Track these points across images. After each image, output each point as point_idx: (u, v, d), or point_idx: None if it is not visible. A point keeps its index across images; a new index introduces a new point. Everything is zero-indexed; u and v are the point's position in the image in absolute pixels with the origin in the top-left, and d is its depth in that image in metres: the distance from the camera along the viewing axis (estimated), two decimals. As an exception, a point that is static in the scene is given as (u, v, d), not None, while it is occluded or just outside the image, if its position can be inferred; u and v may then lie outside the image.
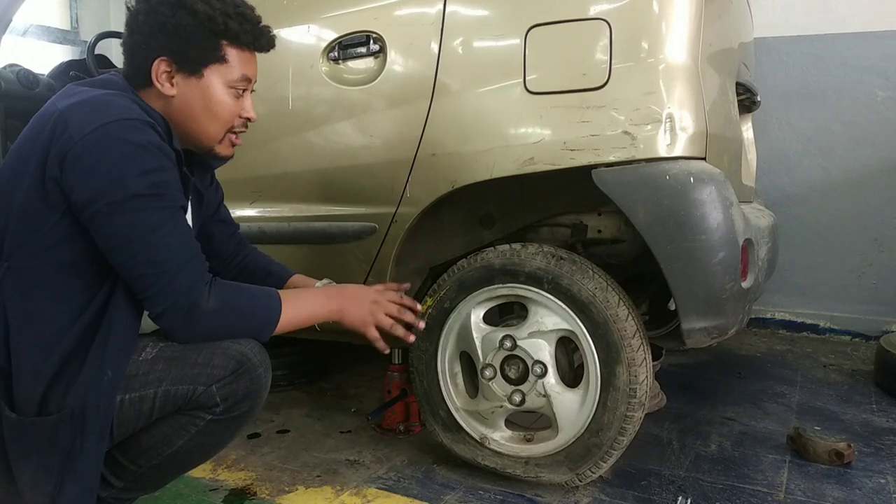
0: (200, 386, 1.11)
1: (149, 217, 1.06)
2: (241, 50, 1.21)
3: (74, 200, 1.05)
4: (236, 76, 1.21)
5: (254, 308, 1.17)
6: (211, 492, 1.58)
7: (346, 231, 1.74)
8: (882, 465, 1.75)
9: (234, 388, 1.12)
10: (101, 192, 1.04)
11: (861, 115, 3.00)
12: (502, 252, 1.55)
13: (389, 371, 1.95)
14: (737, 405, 2.17)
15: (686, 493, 1.57)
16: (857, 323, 3.06)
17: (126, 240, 1.06)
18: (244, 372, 1.13)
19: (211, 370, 1.11)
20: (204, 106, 1.20)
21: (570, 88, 1.44)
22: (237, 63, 1.21)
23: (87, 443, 1.06)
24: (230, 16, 1.18)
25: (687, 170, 1.37)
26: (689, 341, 1.42)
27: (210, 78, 1.19)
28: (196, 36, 1.16)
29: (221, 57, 1.19)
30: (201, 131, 1.22)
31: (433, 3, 1.60)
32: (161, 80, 1.17)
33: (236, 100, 1.23)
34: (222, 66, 1.19)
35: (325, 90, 1.73)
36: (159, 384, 1.10)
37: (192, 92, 1.19)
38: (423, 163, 1.60)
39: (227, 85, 1.20)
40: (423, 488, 1.60)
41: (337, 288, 1.37)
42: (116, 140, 1.05)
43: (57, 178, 1.05)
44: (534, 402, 1.53)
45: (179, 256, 1.09)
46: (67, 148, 1.04)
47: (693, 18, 1.44)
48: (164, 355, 1.12)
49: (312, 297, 1.29)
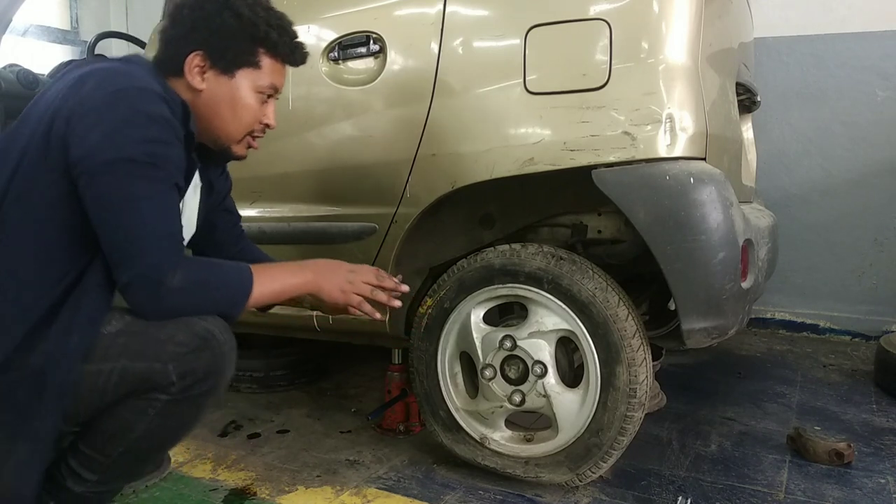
0: (158, 363, 1.08)
1: (137, 185, 1.06)
2: (275, 60, 1.24)
3: (71, 156, 1.05)
4: (265, 83, 1.24)
5: (224, 282, 1.16)
6: (211, 492, 1.58)
7: (346, 231, 1.74)
8: (882, 465, 1.75)
9: (194, 366, 1.10)
10: (97, 148, 1.04)
11: (861, 115, 2.99)
12: (502, 252, 1.55)
13: (389, 371, 1.95)
14: (737, 405, 2.17)
15: (686, 493, 1.57)
16: (857, 323, 3.06)
17: (109, 203, 1.05)
18: (206, 349, 1.11)
19: (172, 347, 1.09)
20: (230, 105, 1.23)
21: (570, 89, 1.44)
22: (269, 71, 1.24)
23: (45, 404, 1.05)
24: (272, 26, 1.21)
25: (687, 170, 1.37)
26: (689, 342, 1.42)
27: (241, 80, 1.22)
28: (237, 38, 1.19)
29: (256, 62, 1.22)
30: (222, 129, 1.25)
31: (433, 3, 1.60)
32: (192, 73, 1.19)
33: (260, 105, 1.25)
34: (254, 72, 1.23)
35: (325, 90, 1.73)
36: (117, 359, 1.09)
37: (221, 90, 1.21)
38: (423, 163, 1.60)
39: (255, 90, 1.23)
40: (423, 488, 1.60)
41: (310, 260, 1.32)
42: (127, 104, 1.06)
43: (61, 134, 1.05)
44: (534, 403, 1.54)
45: (157, 230, 1.08)
46: (78, 105, 1.05)
47: (693, 19, 1.44)
48: (128, 329, 1.11)
49: (285, 269, 1.27)
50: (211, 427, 1.98)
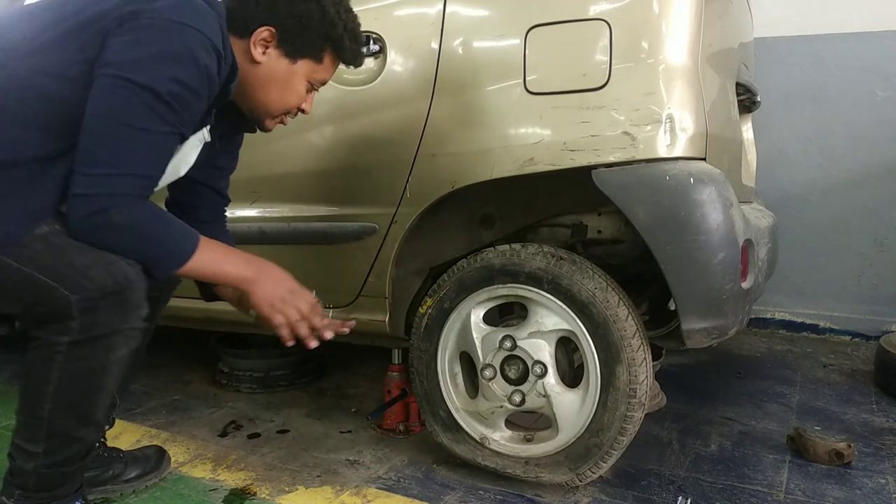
0: (63, 290, 1.07)
1: (147, 116, 1.06)
2: (336, 60, 1.29)
3: (104, 57, 1.05)
4: (320, 77, 1.29)
5: (165, 241, 1.15)
6: (211, 492, 1.58)
7: (346, 231, 1.74)
8: (882, 465, 1.75)
9: (98, 308, 1.08)
10: (132, 66, 1.04)
11: (861, 115, 2.99)
12: (502, 252, 1.55)
13: (389, 371, 1.95)
14: (737, 405, 2.17)
15: (686, 493, 1.57)
16: (857, 323, 3.06)
17: (112, 116, 1.05)
18: (117, 295, 1.09)
19: (84, 280, 1.07)
20: (281, 87, 1.26)
21: (570, 89, 1.44)
22: (327, 68, 1.29)
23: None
24: (347, 30, 1.25)
25: (687, 170, 1.37)
26: (689, 342, 1.42)
27: (300, 68, 1.26)
28: (312, 30, 1.22)
29: (320, 57, 1.26)
30: (265, 104, 1.28)
31: (433, 4, 1.60)
32: (257, 45, 1.21)
33: (306, 93, 1.30)
34: (315, 65, 1.27)
35: (325, 90, 1.71)
36: (27, 263, 1.07)
37: (278, 70, 1.24)
38: (423, 163, 1.60)
39: (308, 80, 1.28)
40: (423, 488, 1.60)
41: (265, 263, 1.30)
42: (182, 41, 1.06)
43: (106, 31, 1.05)
44: (534, 403, 1.54)
45: (138, 165, 1.08)
46: (142, 14, 1.05)
47: (693, 19, 1.44)
48: (51, 240, 1.09)
49: (233, 257, 1.25)
50: (211, 427, 1.98)
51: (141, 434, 1.92)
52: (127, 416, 2.07)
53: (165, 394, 2.28)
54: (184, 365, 2.60)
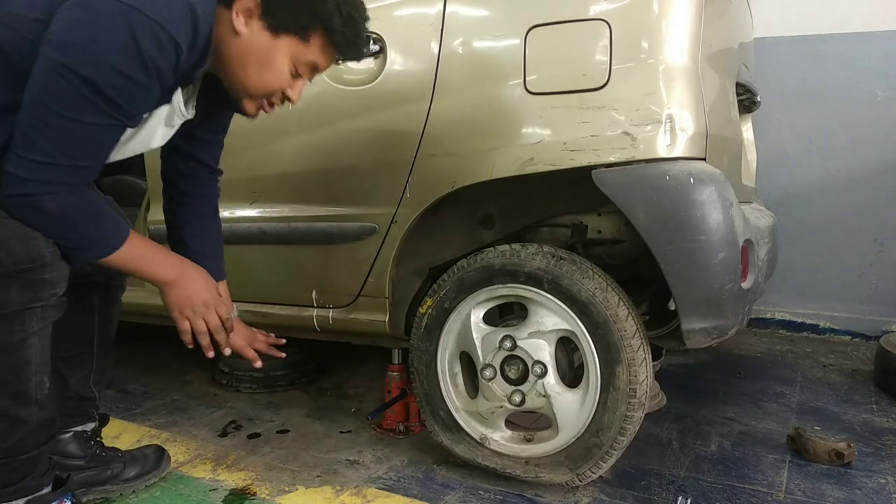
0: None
1: (84, 107, 1.02)
2: (326, 45, 1.18)
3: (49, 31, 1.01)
4: (306, 60, 1.18)
5: (91, 233, 1.14)
6: (211, 492, 1.58)
7: (346, 231, 1.74)
8: (882, 465, 1.75)
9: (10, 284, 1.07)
10: (72, 50, 1.00)
11: (861, 115, 2.99)
12: (502, 252, 1.55)
13: (389, 371, 1.95)
14: (737, 405, 2.17)
15: (686, 493, 1.57)
16: (857, 323, 3.06)
17: (48, 101, 1.02)
18: (29, 271, 1.08)
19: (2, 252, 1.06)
20: (260, 63, 1.17)
21: (570, 89, 1.44)
22: (315, 51, 1.18)
23: None
24: (341, 13, 1.15)
25: (687, 170, 1.37)
26: (689, 342, 1.42)
27: (282, 44, 1.16)
28: (299, 4, 1.14)
29: (306, 37, 1.16)
30: (242, 80, 1.19)
31: (433, 4, 1.60)
32: (239, 14, 1.13)
33: (291, 77, 1.20)
34: (301, 44, 1.16)
35: (325, 91, 1.73)
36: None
37: (258, 44, 1.15)
38: (423, 163, 1.60)
39: (293, 61, 1.18)
40: (423, 488, 1.60)
41: (190, 269, 1.31)
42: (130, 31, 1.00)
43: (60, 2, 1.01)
44: (534, 403, 1.54)
45: (73, 156, 1.06)
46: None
47: (693, 19, 1.44)
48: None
49: (159, 257, 1.25)
50: (211, 427, 1.98)
51: (141, 434, 1.92)
52: (127, 416, 2.07)
53: (165, 394, 2.28)
54: (184, 365, 2.60)
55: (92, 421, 1.56)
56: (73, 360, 1.49)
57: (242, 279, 1.80)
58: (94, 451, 1.52)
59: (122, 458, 1.56)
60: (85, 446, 1.52)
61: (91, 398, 1.54)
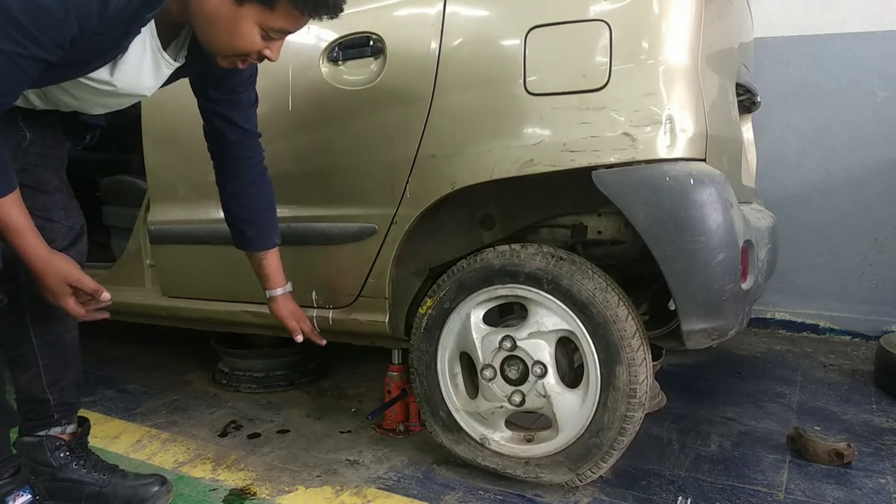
0: None
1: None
2: (293, 8, 1.14)
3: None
4: (274, 26, 1.15)
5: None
6: (211, 492, 1.58)
7: (346, 232, 1.74)
8: (882, 465, 1.75)
9: None
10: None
11: (861, 115, 2.99)
12: (502, 253, 1.55)
13: (389, 371, 1.95)
14: (737, 405, 2.18)
15: (686, 493, 1.57)
16: (857, 323, 3.06)
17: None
18: None
19: None
20: (227, 30, 1.15)
21: (570, 90, 1.44)
22: (282, 16, 1.14)
23: None
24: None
25: (687, 171, 1.37)
26: (689, 342, 1.42)
27: (247, 12, 1.12)
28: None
29: (272, 3, 1.12)
30: (212, 43, 1.18)
31: (433, 4, 1.60)
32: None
33: (263, 40, 1.17)
34: (266, 11, 1.13)
35: (325, 91, 1.73)
36: None
37: (223, 11, 1.13)
38: (423, 164, 1.60)
39: (261, 27, 1.15)
40: (423, 488, 1.60)
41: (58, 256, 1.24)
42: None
43: None
44: (534, 403, 1.54)
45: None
46: None
47: (693, 19, 1.44)
48: None
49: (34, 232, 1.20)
50: (211, 427, 1.98)
51: (141, 434, 1.92)
52: (127, 416, 2.07)
53: (165, 394, 2.28)
54: (184, 365, 2.60)
55: (57, 425, 1.50)
56: (14, 360, 1.47)
57: (243, 279, 1.80)
58: (67, 462, 1.47)
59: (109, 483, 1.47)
60: (56, 454, 1.46)
61: (44, 400, 1.48)
